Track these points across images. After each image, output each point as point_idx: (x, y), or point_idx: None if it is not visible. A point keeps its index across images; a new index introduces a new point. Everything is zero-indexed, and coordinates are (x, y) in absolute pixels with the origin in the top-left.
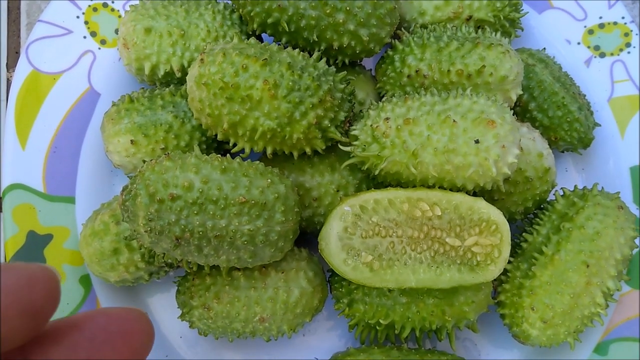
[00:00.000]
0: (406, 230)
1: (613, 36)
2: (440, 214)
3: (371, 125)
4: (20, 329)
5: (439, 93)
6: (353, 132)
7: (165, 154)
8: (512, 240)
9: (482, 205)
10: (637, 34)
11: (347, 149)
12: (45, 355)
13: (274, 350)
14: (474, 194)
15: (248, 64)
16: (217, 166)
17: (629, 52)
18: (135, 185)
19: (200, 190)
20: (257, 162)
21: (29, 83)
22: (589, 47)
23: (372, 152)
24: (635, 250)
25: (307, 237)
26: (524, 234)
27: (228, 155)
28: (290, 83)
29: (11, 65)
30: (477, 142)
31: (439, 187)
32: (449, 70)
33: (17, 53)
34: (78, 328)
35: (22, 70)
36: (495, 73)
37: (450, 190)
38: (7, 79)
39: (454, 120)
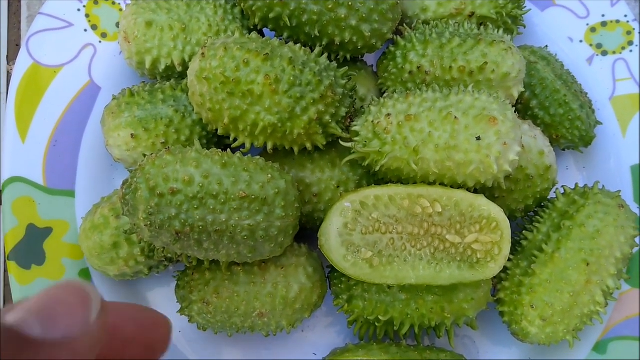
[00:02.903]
0: (406, 227)
1: (615, 34)
2: (440, 210)
3: (372, 121)
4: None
5: (441, 89)
6: (354, 128)
7: (166, 148)
8: (512, 238)
9: (482, 203)
10: (639, 32)
11: (348, 144)
12: None
13: (273, 345)
14: (475, 191)
15: (249, 58)
16: (217, 161)
17: (631, 51)
18: (135, 179)
19: (201, 184)
20: (258, 157)
21: (29, 76)
22: (591, 45)
23: (373, 148)
24: (636, 249)
25: (307, 233)
26: (524, 231)
27: (229, 150)
28: (292, 78)
29: (12, 58)
30: (478, 139)
31: (439, 184)
32: (450, 67)
33: (18, 46)
34: None
35: (23, 63)
36: (497, 70)
37: (451, 187)
38: (8, 71)
39: (456, 117)
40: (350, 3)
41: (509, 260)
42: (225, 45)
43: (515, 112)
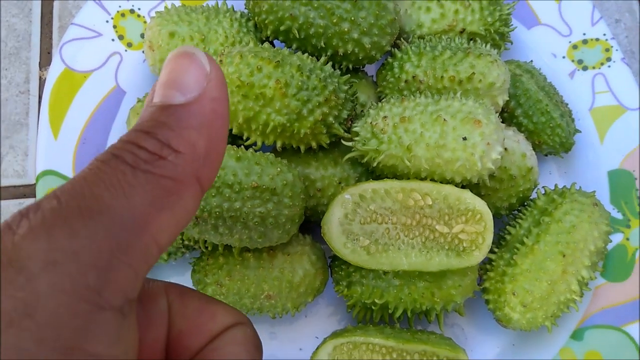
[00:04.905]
0: (400, 218)
1: (595, 51)
2: (431, 203)
3: (370, 123)
4: None
5: (432, 96)
6: (354, 129)
7: None
8: (497, 233)
9: (468, 196)
10: (617, 50)
11: (349, 144)
12: None
13: (278, 330)
14: (462, 187)
15: (262, 65)
16: (232, 155)
17: (609, 66)
18: None
19: (218, 175)
20: (268, 153)
21: (61, 80)
22: (573, 60)
23: (371, 146)
24: (611, 245)
25: (311, 226)
26: (507, 227)
27: (242, 147)
28: (300, 83)
29: (43, 64)
30: (464, 139)
31: (430, 179)
32: (442, 77)
33: (49, 53)
34: None
35: (56, 68)
36: (484, 80)
37: (441, 182)
38: (40, 76)
39: (445, 119)
40: (352, 18)
41: (494, 252)
42: (241, 54)
43: (501, 119)
